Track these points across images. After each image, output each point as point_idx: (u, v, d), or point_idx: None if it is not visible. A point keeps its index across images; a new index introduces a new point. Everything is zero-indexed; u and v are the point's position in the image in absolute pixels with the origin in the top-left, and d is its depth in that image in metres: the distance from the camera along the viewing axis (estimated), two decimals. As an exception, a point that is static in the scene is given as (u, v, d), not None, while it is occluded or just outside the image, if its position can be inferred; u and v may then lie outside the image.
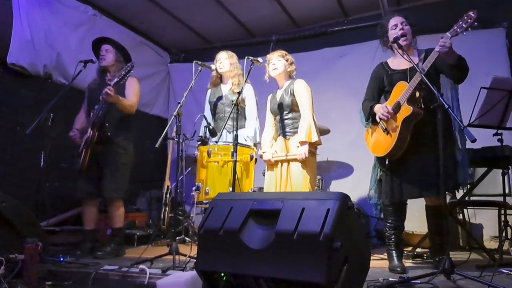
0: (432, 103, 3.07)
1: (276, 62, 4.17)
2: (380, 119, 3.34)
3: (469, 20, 2.91)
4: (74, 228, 4.95)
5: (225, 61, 4.62)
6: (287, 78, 4.26)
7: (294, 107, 4.09)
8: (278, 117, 4.19)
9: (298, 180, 3.94)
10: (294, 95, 4.07)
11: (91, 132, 4.09)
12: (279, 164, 4.08)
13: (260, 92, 4.76)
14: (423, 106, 3.22)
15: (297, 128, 4.04)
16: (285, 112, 4.12)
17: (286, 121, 4.12)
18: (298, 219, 2.10)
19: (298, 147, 3.95)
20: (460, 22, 2.96)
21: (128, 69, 4.03)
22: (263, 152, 4.19)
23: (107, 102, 4.08)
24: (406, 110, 3.16)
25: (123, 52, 4.53)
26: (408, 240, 4.63)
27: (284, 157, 4.02)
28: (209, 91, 4.85)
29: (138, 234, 5.18)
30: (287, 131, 4.10)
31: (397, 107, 3.24)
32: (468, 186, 4.19)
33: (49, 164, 4.65)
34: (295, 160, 3.95)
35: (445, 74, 3.33)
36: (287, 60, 4.21)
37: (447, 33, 3.01)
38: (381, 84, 3.56)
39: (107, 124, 4.20)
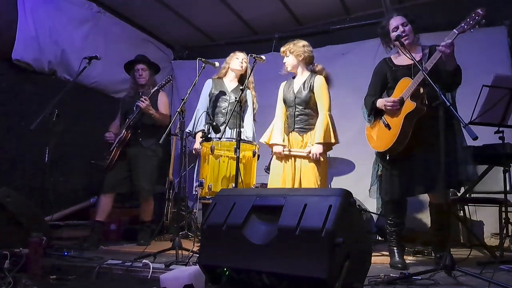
0: (434, 100, 3.09)
1: (287, 60, 4.10)
2: (387, 109, 3.31)
3: (476, 18, 2.91)
4: (78, 223, 4.99)
5: (244, 64, 4.69)
6: (305, 68, 4.14)
7: (311, 104, 3.97)
8: (293, 110, 4.04)
9: (308, 179, 3.87)
10: (313, 92, 3.95)
11: (125, 133, 4.61)
12: (290, 159, 3.99)
13: (262, 91, 4.79)
14: (426, 102, 3.22)
15: (312, 125, 3.95)
16: (301, 107, 4.00)
17: (301, 116, 4.00)
18: (300, 215, 2.12)
19: (312, 144, 3.87)
20: (468, 19, 2.95)
21: (168, 80, 4.54)
22: (274, 144, 4.03)
23: (141, 111, 4.58)
24: (409, 106, 3.15)
25: (154, 67, 5.07)
26: (409, 237, 4.65)
27: (303, 153, 3.91)
28: (210, 81, 4.80)
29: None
30: (302, 127, 3.99)
31: (401, 103, 3.23)
32: (469, 183, 4.20)
33: (54, 159, 4.68)
34: (308, 158, 3.88)
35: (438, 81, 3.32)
36: (292, 52, 4.07)
37: (454, 30, 3.00)
38: (385, 80, 3.53)
39: (139, 131, 4.70)
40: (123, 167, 4.71)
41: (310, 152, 3.84)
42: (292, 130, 4.04)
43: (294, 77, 4.22)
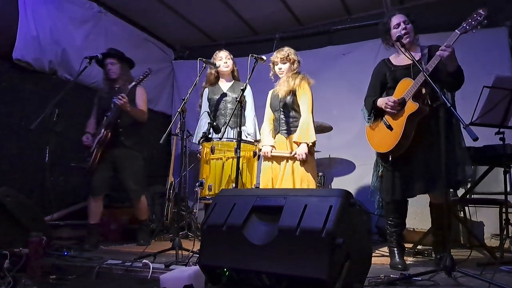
0: (435, 100, 3.08)
1: (282, 66, 4.16)
2: (387, 109, 3.29)
3: (478, 18, 2.90)
4: (78, 223, 4.99)
5: (228, 61, 4.69)
6: (291, 76, 4.23)
7: (295, 107, 4.09)
8: (278, 114, 4.18)
9: (297, 178, 3.98)
10: (296, 95, 4.08)
11: (104, 132, 4.43)
12: (278, 160, 4.09)
13: (259, 90, 4.78)
14: (429, 103, 3.21)
15: (297, 127, 4.05)
16: (286, 110, 4.12)
17: (286, 119, 4.13)
18: (300, 215, 2.13)
19: (298, 144, 3.97)
20: (470, 20, 2.94)
21: (146, 73, 4.37)
22: (262, 146, 4.19)
23: (119, 108, 4.38)
24: (412, 107, 3.13)
25: (127, 61, 4.84)
26: (410, 237, 4.64)
27: (287, 154, 4.02)
28: (206, 89, 4.83)
29: (142, 229, 5.21)
30: (287, 129, 4.12)
31: (402, 103, 3.22)
32: (469, 183, 4.19)
33: (54, 159, 4.69)
34: (293, 158, 3.99)
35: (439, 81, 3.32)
36: (292, 63, 4.17)
37: (456, 30, 2.99)
38: (384, 80, 3.52)
39: (120, 130, 4.55)
40: (107, 167, 4.60)
41: (295, 153, 3.96)
42: (278, 132, 4.18)
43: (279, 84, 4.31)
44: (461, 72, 3.13)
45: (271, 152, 4.09)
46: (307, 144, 3.93)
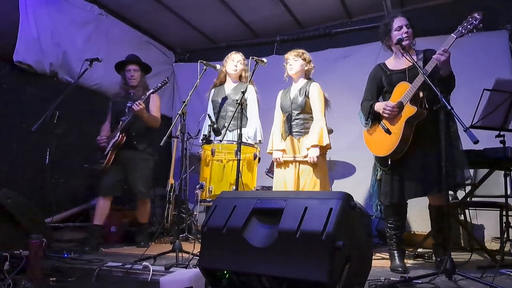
0: (433, 103, 3.08)
1: (293, 63, 4.16)
2: (385, 115, 3.30)
3: (474, 22, 2.92)
4: (78, 225, 4.99)
5: (239, 65, 4.66)
6: (304, 77, 4.25)
7: (306, 109, 4.08)
8: (288, 115, 4.16)
9: (307, 182, 3.96)
10: (308, 97, 4.07)
11: (120, 136, 4.53)
12: (290, 164, 4.08)
13: (263, 92, 4.78)
14: (426, 106, 3.22)
15: (308, 128, 4.05)
16: (296, 112, 4.10)
17: (297, 120, 4.10)
18: (301, 218, 2.11)
19: (308, 149, 3.95)
20: (465, 23, 2.96)
21: (165, 82, 4.44)
22: (273, 150, 4.17)
23: (135, 114, 4.47)
24: (410, 110, 3.14)
25: (145, 68, 4.99)
26: (410, 240, 4.64)
27: (300, 157, 4.01)
28: (212, 90, 4.86)
29: (142, 231, 5.20)
30: (298, 131, 4.08)
31: (400, 107, 3.23)
32: (470, 186, 4.19)
33: (54, 161, 4.69)
34: (305, 162, 3.97)
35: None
36: (304, 60, 4.17)
37: (452, 34, 3.01)
38: (380, 84, 3.54)
39: (133, 134, 4.63)
40: (118, 169, 4.67)
41: (306, 156, 3.94)
42: (289, 134, 4.14)
43: (291, 86, 4.32)
44: (453, 78, 3.15)
45: (282, 157, 4.08)
46: (320, 147, 3.92)
